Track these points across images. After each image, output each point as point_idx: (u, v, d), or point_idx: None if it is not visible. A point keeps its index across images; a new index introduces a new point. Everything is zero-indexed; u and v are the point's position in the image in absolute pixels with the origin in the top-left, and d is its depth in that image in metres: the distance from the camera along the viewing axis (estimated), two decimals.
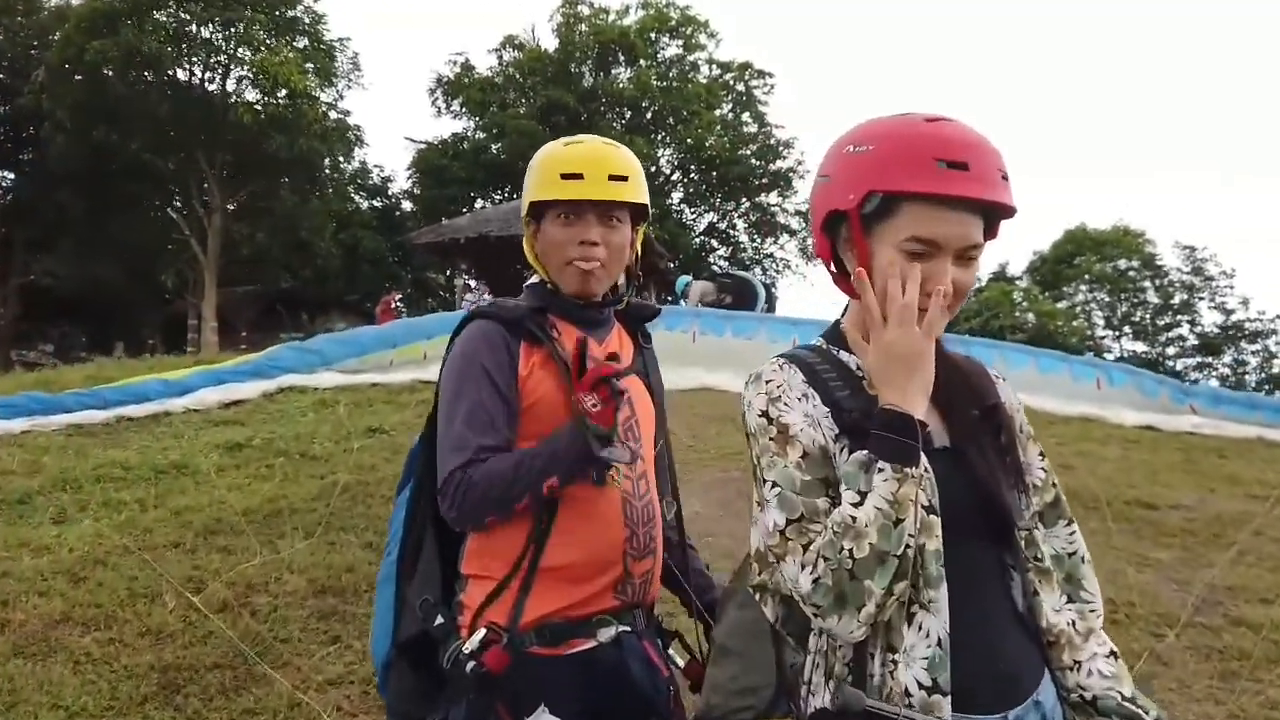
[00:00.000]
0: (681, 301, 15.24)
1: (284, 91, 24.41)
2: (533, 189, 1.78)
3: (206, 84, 25.91)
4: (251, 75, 25.04)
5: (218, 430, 7.54)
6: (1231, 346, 34.14)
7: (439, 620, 1.69)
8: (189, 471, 6.19)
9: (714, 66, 34.00)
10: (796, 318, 11.68)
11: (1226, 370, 34.26)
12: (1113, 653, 1.30)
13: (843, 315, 1.41)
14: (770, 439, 1.23)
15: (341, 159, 30.42)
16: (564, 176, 1.73)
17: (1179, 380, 13.03)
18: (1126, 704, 1.25)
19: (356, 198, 32.99)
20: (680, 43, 33.57)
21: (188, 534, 5.01)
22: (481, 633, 1.63)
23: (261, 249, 26.24)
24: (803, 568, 1.14)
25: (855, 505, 1.13)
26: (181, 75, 25.71)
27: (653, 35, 32.74)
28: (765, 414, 1.25)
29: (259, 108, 24.91)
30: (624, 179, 1.75)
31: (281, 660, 3.70)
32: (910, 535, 1.12)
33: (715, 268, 30.16)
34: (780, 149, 33.14)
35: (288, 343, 10.23)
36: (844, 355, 1.33)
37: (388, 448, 6.71)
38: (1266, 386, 32.91)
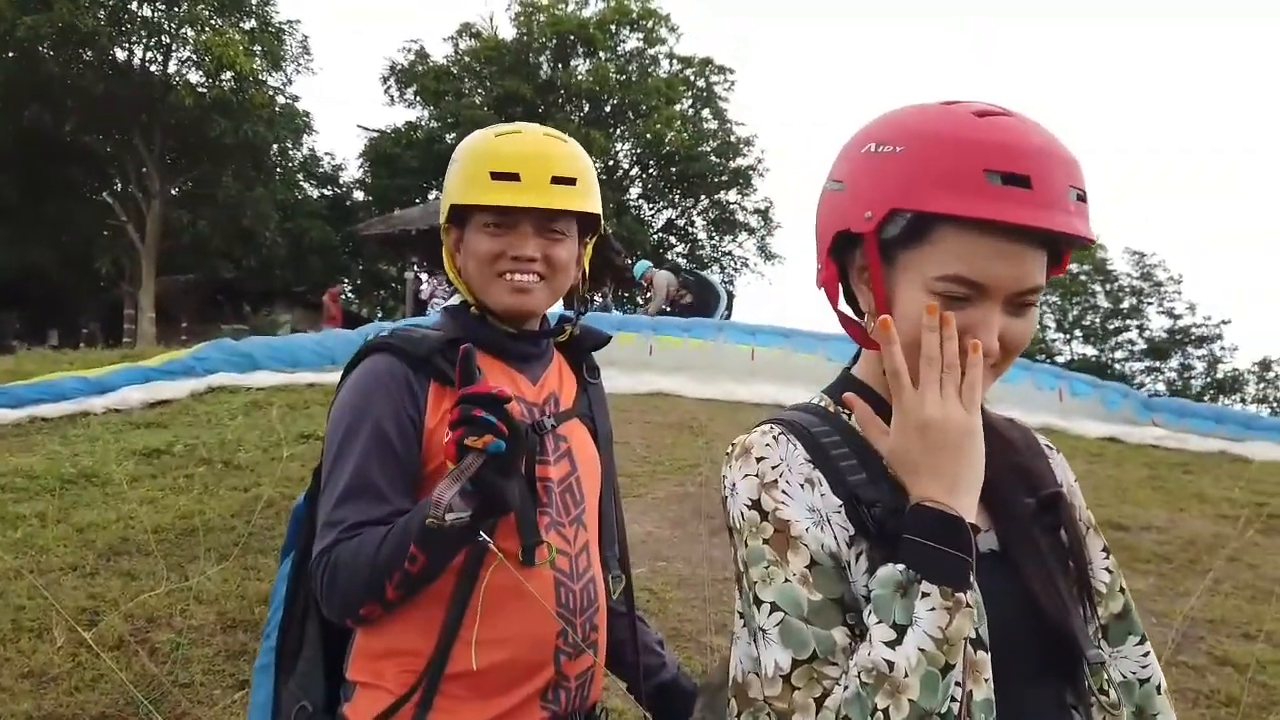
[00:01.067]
0: (640, 284, 14.90)
1: (229, 74, 23.49)
2: (455, 188, 1.40)
3: (147, 65, 24.93)
4: (195, 56, 24.12)
5: (137, 434, 7.03)
6: (1178, 351, 34.79)
7: None
8: (99, 481, 5.70)
9: (674, 61, 33.68)
10: (755, 325, 11.33)
11: (1173, 374, 34.93)
12: None
13: (853, 364, 1.07)
14: (764, 540, 0.90)
15: (289, 146, 29.51)
16: (495, 176, 1.35)
17: (1129, 385, 13.02)
18: None
19: (305, 186, 32.04)
20: (640, 36, 33.17)
21: (89, 555, 4.55)
22: None
23: (203, 237, 25.25)
24: None
25: (890, 645, 0.80)
26: (120, 55, 24.69)
27: (612, 27, 32.26)
28: (756, 505, 0.91)
29: (202, 90, 24.01)
30: (570, 182, 1.38)
31: (179, 710, 3.29)
32: (957, 684, 0.79)
33: (678, 263, 29.88)
34: (740, 146, 32.92)
35: (220, 340, 9.65)
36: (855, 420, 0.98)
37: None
38: (1211, 391, 33.63)
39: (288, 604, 1.47)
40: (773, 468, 0.93)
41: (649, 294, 14.63)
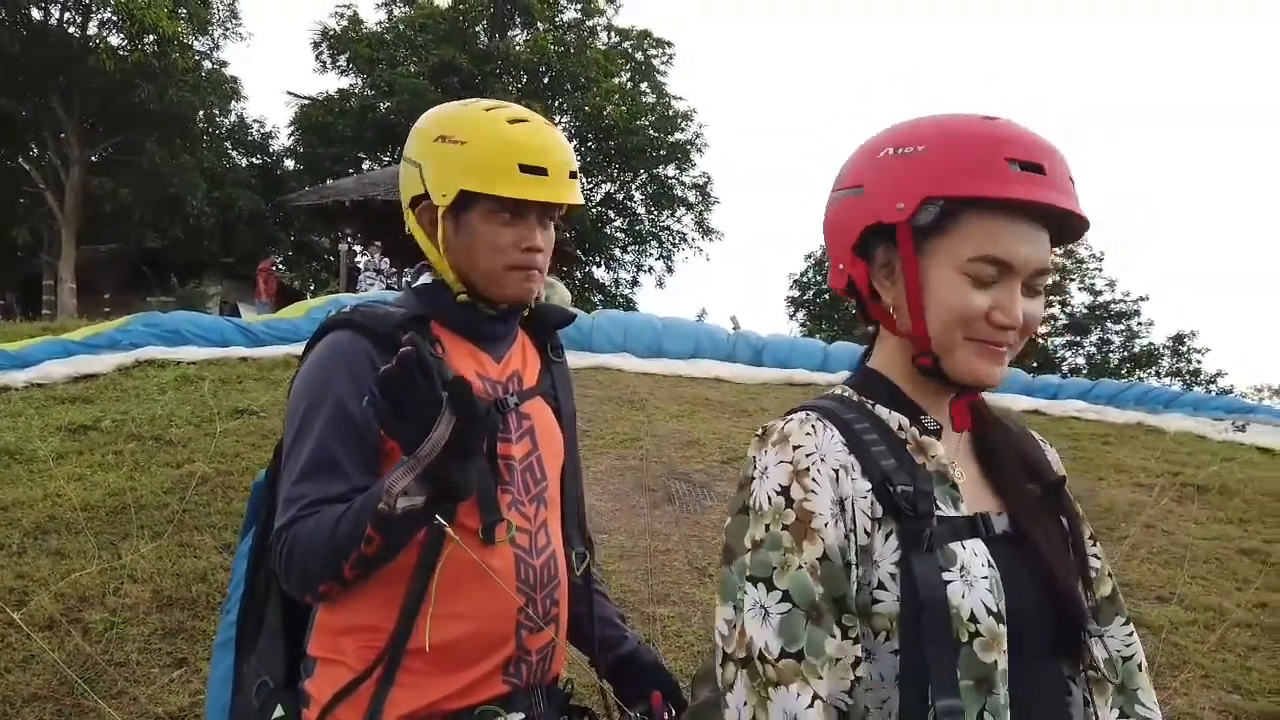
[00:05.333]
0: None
1: (152, 37, 22.63)
2: (471, 173, 1.36)
3: (66, 25, 23.87)
4: (116, 18, 23.13)
5: (62, 409, 6.80)
6: (1098, 326, 35.87)
7: (278, 713, 1.33)
8: (23, 458, 5.51)
9: (613, 34, 33.39)
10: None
11: (1093, 349, 36.02)
12: None
13: (866, 357, 1.14)
14: (785, 527, 0.96)
15: (217, 112, 28.48)
16: (525, 169, 1.35)
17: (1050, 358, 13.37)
18: None
19: (233, 154, 31.00)
20: (579, 7, 32.80)
21: (15, 534, 4.42)
22: None
23: (126, 206, 24.30)
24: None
25: None
26: (37, 14, 23.60)
27: None
28: (785, 491, 0.98)
29: (124, 53, 23.07)
30: (576, 176, 1.43)
31: (115, 689, 3.24)
32: None
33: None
34: (679, 121, 32.85)
35: (147, 314, 9.34)
36: (881, 410, 1.06)
37: (256, 432, 6.16)
38: (1129, 365, 34.83)
39: (249, 580, 1.47)
40: (807, 455, 0.99)
41: None
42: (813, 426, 1.01)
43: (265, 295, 19.98)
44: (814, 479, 0.97)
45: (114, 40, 23.64)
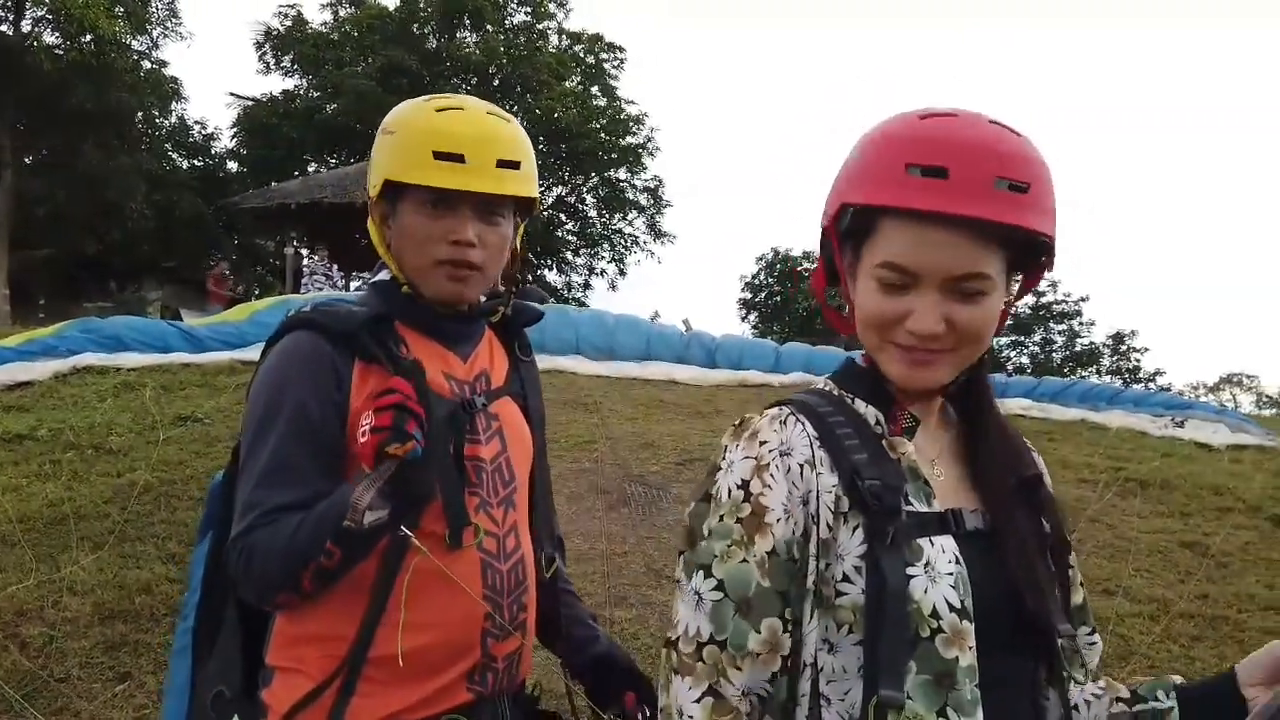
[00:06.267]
0: None
1: (89, 37, 22.03)
2: (390, 162, 1.34)
3: None
4: (51, 17, 22.48)
5: None
6: (1041, 326, 36.71)
7: None
8: None
9: (564, 37, 33.30)
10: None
11: (1036, 348, 36.85)
12: None
13: (847, 349, 1.13)
14: (738, 520, 0.98)
15: (156, 114, 27.81)
16: (438, 156, 1.30)
17: (995, 358, 13.62)
18: None
19: (174, 156, 30.30)
20: (529, 10, 32.66)
21: None
22: None
23: (62, 209, 23.65)
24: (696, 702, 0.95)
25: None
26: None
27: (500, 0, 31.66)
28: (745, 486, 0.99)
29: (60, 53, 22.42)
30: (515, 165, 1.35)
31: (57, 705, 3.15)
32: None
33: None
34: (631, 124, 32.87)
35: (85, 320, 9.04)
36: (860, 405, 1.07)
37: (200, 439, 6.00)
38: (1071, 364, 35.70)
39: (205, 585, 1.42)
40: (770, 451, 1.00)
41: None
42: (782, 422, 1.02)
43: (216, 301, 19.48)
44: (772, 474, 0.98)
45: (49, 39, 22.96)
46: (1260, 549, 5.61)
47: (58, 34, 22.83)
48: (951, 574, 0.96)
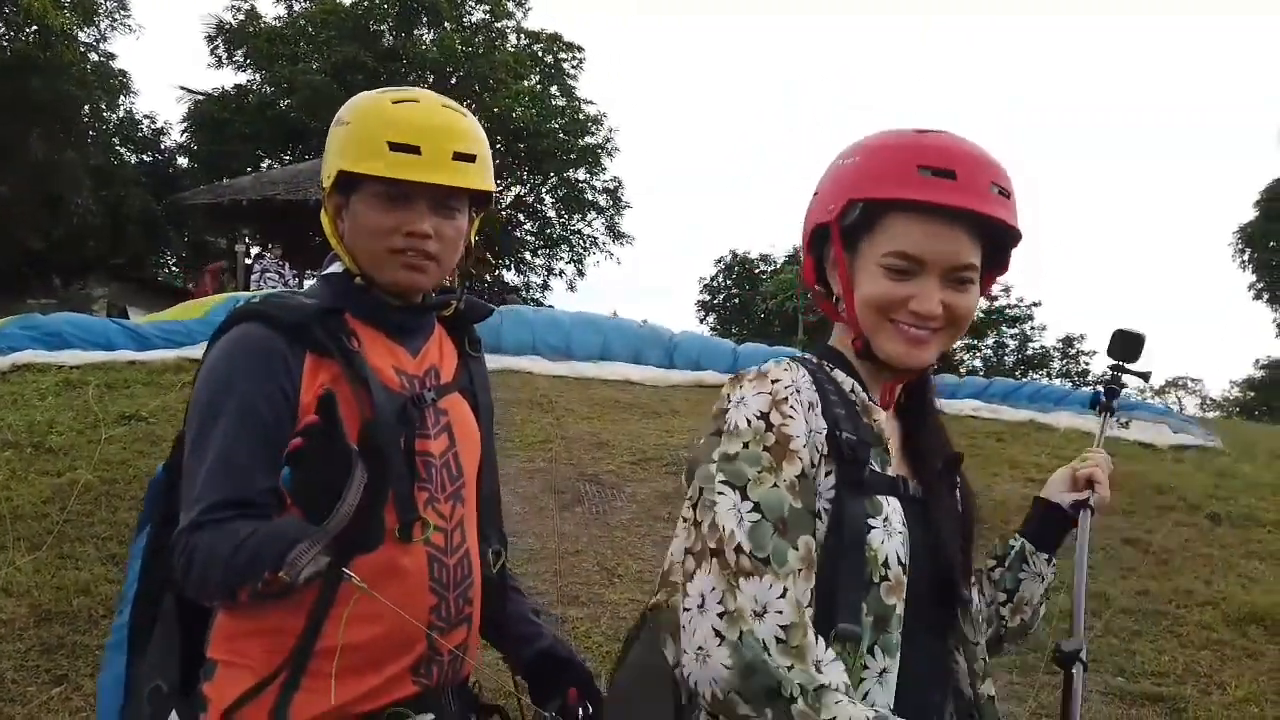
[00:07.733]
0: None
1: (34, 28, 21.51)
2: (344, 153, 1.34)
3: None
4: None
5: None
6: (994, 330, 37.38)
7: (171, 719, 1.27)
8: None
9: (522, 36, 33.17)
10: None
11: (989, 351, 37.51)
12: None
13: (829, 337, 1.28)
14: (765, 448, 1.05)
15: (104, 107, 27.20)
16: (394, 147, 1.30)
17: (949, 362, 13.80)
18: None
19: (122, 151, 29.66)
20: (487, 8, 32.47)
21: None
22: None
23: (5, 204, 23.06)
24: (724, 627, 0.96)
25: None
26: None
27: None
28: (765, 417, 1.07)
29: (4, 44, 21.87)
30: (470, 159, 1.35)
31: None
32: None
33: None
34: (590, 125, 32.84)
35: (25, 316, 8.80)
36: (839, 375, 1.19)
37: (144, 439, 5.88)
38: (1022, 367, 36.39)
39: (142, 578, 1.40)
40: (785, 387, 1.09)
41: None
42: (789, 365, 1.13)
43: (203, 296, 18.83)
44: (793, 407, 1.07)
45: None
46: (1199, 546, 5.76)
47: (2, 24, 22.29)
48: (901, 532, 1.08)
